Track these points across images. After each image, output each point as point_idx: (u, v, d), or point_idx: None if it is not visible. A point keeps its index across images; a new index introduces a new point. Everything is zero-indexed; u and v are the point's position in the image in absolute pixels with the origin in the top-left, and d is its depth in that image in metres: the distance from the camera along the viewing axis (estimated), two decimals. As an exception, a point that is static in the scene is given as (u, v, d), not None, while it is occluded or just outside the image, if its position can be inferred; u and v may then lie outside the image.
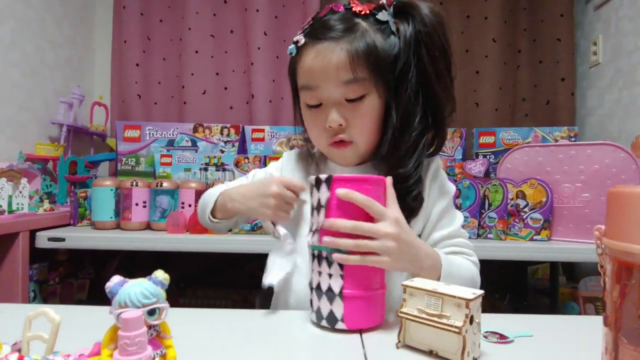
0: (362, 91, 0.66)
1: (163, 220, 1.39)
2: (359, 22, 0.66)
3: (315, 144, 0.75)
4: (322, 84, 0.66)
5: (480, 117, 1.94)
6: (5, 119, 1.54)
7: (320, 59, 0.65)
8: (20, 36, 1.61)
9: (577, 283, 1.65)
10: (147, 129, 1.71)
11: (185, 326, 0.57)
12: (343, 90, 0.65)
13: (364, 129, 0.68)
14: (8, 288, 1.23)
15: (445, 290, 0.46)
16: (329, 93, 0.66)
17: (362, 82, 0.65)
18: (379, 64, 0.65)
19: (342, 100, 0.66)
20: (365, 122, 0.68)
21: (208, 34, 2.01)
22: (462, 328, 0.44)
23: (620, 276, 0.34)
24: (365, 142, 0.70)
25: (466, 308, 0.44)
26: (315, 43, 0.66)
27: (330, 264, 0.56)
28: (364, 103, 0.66)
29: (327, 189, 0.56)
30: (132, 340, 0.31)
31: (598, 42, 1.76)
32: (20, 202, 1.32)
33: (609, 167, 1.26)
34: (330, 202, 0.56)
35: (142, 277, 0.38)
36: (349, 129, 0.67)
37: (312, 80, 0.66)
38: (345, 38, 0.64)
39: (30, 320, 0.38)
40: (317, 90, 0.67)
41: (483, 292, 0.47)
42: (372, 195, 0.56)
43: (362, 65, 0.64)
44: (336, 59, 0.64)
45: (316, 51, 0.65)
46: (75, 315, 0.60)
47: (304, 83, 0.68)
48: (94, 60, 2.11)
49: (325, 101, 0.67)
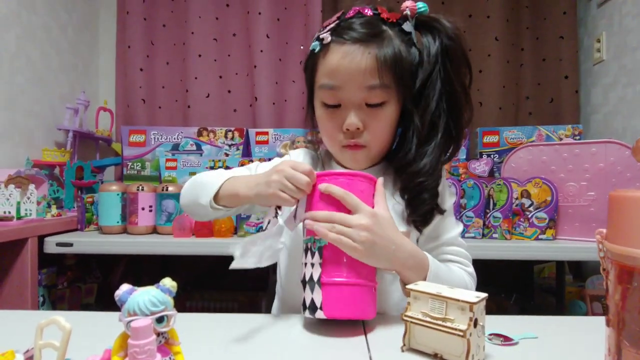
0: (384, 97, 0.66)
1: (169, 224, 1.40)
2: (386, 30, 0.67)
3: (327, 143, 0.74)
4: (346, 85, 0.66)
5: (484, 116, 1.94)
6: (12, 126, 1.56)
7: (347, 60, 0.65)
8: (26, 43, 1.63)
9: (584, 281, 1.65)
10: (152, 134, 1.72)
11: (193, 331, 0.58)
12: (365, 94, 0.66)
13: (379, 135, 0.69)
14: (17, 293, 1.24)
15: (449, 294, 0.47)
16: (350, 95, 0.66)
17: (385, 88, 0.66)
18: (402, 73, 0.66)
19: (363, 104, 0.67)
20: (382, 128, 0.69)
21: (211, 38, 2.02)
22: (467, 331, 0.44)
23: (622, 279, 0.34)
24: (378, 147, 0.71)
25: (470, 311, 0.45)
26: (343, 43, 0.66)
27: (313, 254, 0.58)
28: (383, 109, 0.67)
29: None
30: (142, 348, 0.32)
31: (602, 40, 1.75)
32: (28, 208, 1.34)
33: (614, 165, 1.26)
34: (314, 196, 0.60)
35: (150, 285, 0.39)
36: (366, 134, 0.68)
37: (336, 80, 0.66)
38: (373, 43, 0.65)
39: (42, 329, 0.39)
40: (338, 90, 0.67)
41: (487, 295, 0.47)
42: (356, 190, 0.59)
43: (388, 72, 0.65)
44: (364, 63, 0.64)
45: (343, 52, 0.65)
46: (85, 321, 0.62)
47: (326, 82, 0.68)
48: (99, 65, 2.13)
49: (345, 103, 0.67)
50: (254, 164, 0.83)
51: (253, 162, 1.58)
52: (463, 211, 1.37)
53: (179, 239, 1.34)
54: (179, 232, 1.36)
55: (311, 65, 0.71)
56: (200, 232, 1.36)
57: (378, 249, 0.57)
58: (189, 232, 1.37)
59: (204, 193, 0.70)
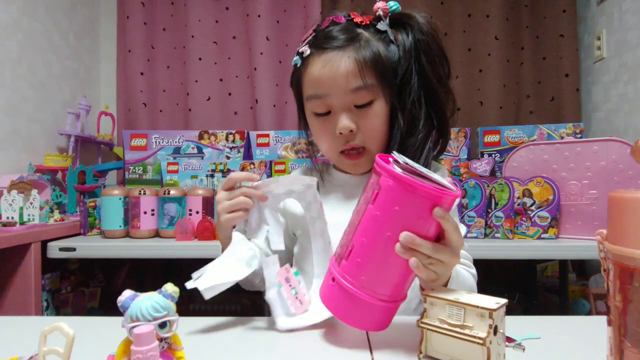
0: (371, 97, 0.68)
1: (171, 227, 1.41)
2: (361, 32, 0.69)
3: (325, 153, 0.76)
4: (332, 92, 0.67)
5: (484, 116, 1.94)
6: (14, 132, 1.57)
7: (328, 67, 0.67)
8: (28, 49, 1.64)
9: (588, 280, 1.64)
10: (154, 137, 1.73)
11: (195, 336, 0.58)
12: (352, 97, 0.67)
13: (374, 133, 0.70)
14: (21, 298, 1.25)
15: (468, 300, 0.45)
16: (338, 100, 0.68)
17: (370, 88, 0.67)
18: (384, 71, 0.67)
19: (351, 107, 0.68)
20: (375, 125, 0.69)
21: (211, 41, 2.02)
22: (486, 339, 0.42)
23: (623, 280, 0.34)
24: (376, 146, 0.71)
25: (489, 318, 0.43)
26: (322, 53, 0.68)
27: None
28: (372, 108, 0.69)
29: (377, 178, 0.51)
30: (145, 354, 0.32)
31: (602, 37, 1.75)
32: (31, 213, 1.34)
33: (616, 163, 1.25)
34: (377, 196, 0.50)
35: (153, 291, 0.39)
36: (360, 134, 0.69)
37: (321, 88, 0.68)
38: (350, 47, 0.67)
39: (46, 335, 0.39)
40: (325, 98, 0.68)
41: (507, 302, 0.46)
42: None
43: (370, 72, 0.66)
44: (344, 67, 0.66)
45: (323, 60, 0.67)
46: (88, 327, 0.62)
47: (312, 92, 0.69)
48: (100, 70, 2.13)
49: (334, 108, 0.69)
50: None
51: (254, 164, 1.58)
52: (465, 211, 1.36)
53: (181, 242, 1.34)
54: (181, 235, 1.37)
55: (296, 80, 0.74)
56: (202, 236, 1.36)
57: (445, 277, 0.54)
58: (191, 235, 1.37)
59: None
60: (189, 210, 1.42)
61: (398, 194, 0.48)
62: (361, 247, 0.51)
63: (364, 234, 0.51)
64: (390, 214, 0.49)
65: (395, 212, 0.48)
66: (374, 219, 0.50)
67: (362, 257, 0.51)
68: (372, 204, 0.50)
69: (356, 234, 0.51)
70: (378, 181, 0.50)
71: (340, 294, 0.52)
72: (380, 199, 0.49)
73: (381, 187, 0.49)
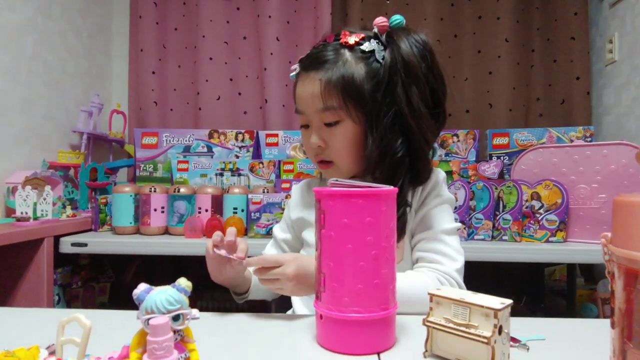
0: (336, 117, 0.71)
1: (181, 225, 1.42)
2: (343, 53, 0.71)
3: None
4: (305, 110, 0.74)
5: (493, 118, 1.93)
6: (29, 129, 1.60)
7: (303, 87, 0.73)
8: (42, 48, 1.67)
9: (596, 284, 1.63)
10: (164, 136, 1.75)
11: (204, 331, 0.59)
12: (321, 115, 0.72)
13: (340, 152, 0.74)
14: (34, 292, 1.27)
15: (473, 300, 0.46)
16: (311, 118, 0.74)
17: (333, 110, 0.70)
18: (351, 93, 0.69)
19: (322, 125, 0.73)
20: (341, 144, 0.73)
21: (222, 41, 2.04)
22: (491, 338, 0.43)
23: (627, 282, 0.35)
24: (344, 163, 0.75)
25: (494, 318, 0.44)
26: (303, 73, 0.74)
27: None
28: (338, 127, 0.72)
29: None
30: (160, 345, 0.33)
31: (614, 40, 1.73)
32: (44, 208, 1.37)
33: (626, 167, 1.25)
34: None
35: (167, 285, 0.40)
36: (328, 151, 0.74)
37: (300, 105, 0.75)
38: (324, 69, 0.70)
39: (63, 326, 0.41)
40: (303, 114, 0.75)
41: (512, 302, 0.46)
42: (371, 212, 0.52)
43: (333, 95, 0.69)
44: (311, 89, 0.71)
45: (302, 80, 0.74)
46: (102, 319, 0.63)
47: (296, 107, 0.77)
48: (112, 69, 2.17)
49: (310, 124, 0.75)
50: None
51: (263, 163, 1.60)
52: (472, 213, 1.37)
53: (190, 240, 1.36)
54: (190, 233, 1.38)
55: (293, 93, 0.79)
56: (211, 234, 1.37)
57: (303, 284, 0.64)
58: (200, 233, 1.39)
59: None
60: (198, 208, 1.44)
61: (339, 207, 0.51)
62: (332, 272, 0.52)
63: (329, 258, 0.52)
64: (342, 228, 0.51)
65: (345, 224, 0.51)
66: (330, 240, 0.52)
67: (336, 281, 0.52)
68: (324, 228, 0.53)
69: (322, 263, 0.53)
70: (320, 206, 0.53)
71: (334, 327, 0.52)
72: (328, 220, 0.52)
73: (324, 210, 0.53)
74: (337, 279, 0.52)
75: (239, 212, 1.42)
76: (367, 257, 0.50)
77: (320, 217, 0.53)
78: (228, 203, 1.44)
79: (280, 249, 0.89)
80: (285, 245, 0.88)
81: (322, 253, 0.53)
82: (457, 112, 1.96)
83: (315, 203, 0.55)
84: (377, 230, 0.51)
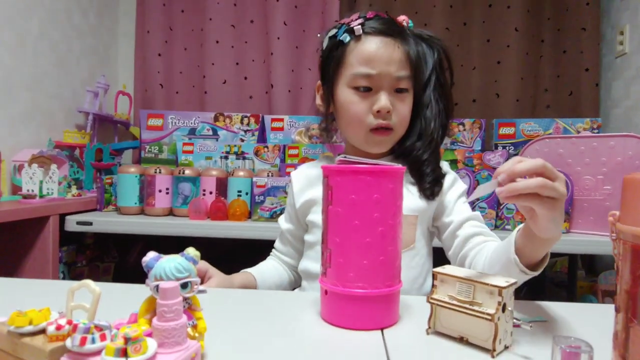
0: (408, 86, 0.76)
1: (185, 206, 1.43)
2: (404, 31, 0.77)
3: (351, 129, 0.79)
4: (382, 72, 0.73)
5: (500, 108, 1.92)
6: (35, 107, 1.60)
7: (384, 49, 0.73)
8: (49, 27, 1.66)
9: (597, 277, 1.63)
10: (170, 118, 1.75)
11: (212, 304, 0.60)
12: (395, 82, 0.74)
13: (404, 118, 0.77)
14: (39, 268, 1.29)
15: (478, 278, 0.47)
16: (384, 82, 0.74)
17: (409, 79, 0.75)
18: (420, 68, 0.77)
19: (392, 90, 0.75)
20: (406, 111, 0.77)
21: (228, 24, 2.03)
22: (495, 315, 0.44)
23: (635, 260, 0.35)
24: (401, 131, 0.78)
25: (499, 296, 0.44)
26: (378, 35, 0.74)
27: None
28: (408, 95, 0.77)
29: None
30: (170, 308, 0.34)
31: (625, 32, 1.71)
32: (50, 187, 1.38)
33: (632, 159, 1.24)
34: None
35: (175, 254, 0.41)
36: (394, 116, 0.75)
37: (372, 66, 0.73)
38: (402, 39, 0.75)
39: (73, 292, 0.41)
40: (374, 76, 0.73)
41: (516, 281, 0.47)
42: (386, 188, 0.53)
43: (409, 65, 0.75)
44: (390, 52, 0.73)
45: (380, 42, 0.74)
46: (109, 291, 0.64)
47: (362, 68, 0.74)
48: (118, 49, 2.16)
49: (377, 87, 0.74)
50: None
51: (268, 147, 1.60)
52: (476, 202, 1.37)
53: (194, 221, 1.37)
54: (195, 214, 1.39)
55: (338, 55, 0.77)
56: (215, 215, 1.39)
57: (560, 215, 0.51)
58: (204, 214, 1.40)
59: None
60: (202, 191, 1.44)
61: (347, 183, 0.52)
62: (338, 247, 0.52)
63: (335, 234, 0.53)
64: (350, 205, 0.51)
65: (352, 200, 0.51)
66: (337, 216, 0.52)
67: (342, 256, 0.52)
68: (331, 204, 0.53)
69: (329, 239, 0.54)
70: (328, 182, 0.54)
71: (338, 303, 0.53)
72: (336, 196, 0.53)
73: (332, 186, 0.53)
74: (343, 254, 0.52)
75: (243, 195, 1.43)
76: (374, 233, 0.51)
77: (328, 194, 0.53)
78: (232, 186, 1.44)
79: (287, 241, 0.90)
80: (289, 235, 0.89)
81: (328, 229, 0.54)
82: (464, 101, 1.95)
83: (323, 179, 0.55)
84: (384, 207, 0.51)
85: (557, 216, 0.50)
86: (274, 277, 0.87)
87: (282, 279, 0.89)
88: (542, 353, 0.45)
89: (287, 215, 0.91)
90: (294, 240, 0.89)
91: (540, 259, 0.58)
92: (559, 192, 0.48)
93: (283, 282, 0.89)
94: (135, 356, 0.30)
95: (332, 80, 0.78)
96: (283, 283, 0.89)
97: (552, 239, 0.54)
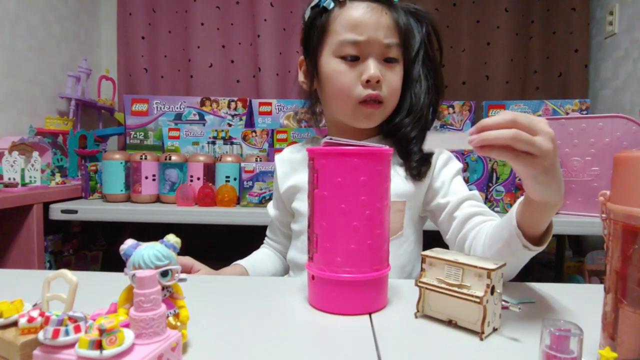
0: (397, 55, 0.72)
1: (172, 193, 1.41)
2: (392, 0, 0.73)
3: (339, 102, 0.73)
4: (370, 39, 0.69)
5: (490, 90, 1.91)
6: (14, 93, 1.55)
7: (369, 15, 0.69)
8: (26, 9, 1.60)
9: (584, 257, 1.66)
10: (155, 103, 1.71)
11: (196, 291, 0.59)
12: (385, 49, 0.70)
13: (394, 89, 0.72)
14: (24, 258, 1.26)
15: (466, 261, 0.46)
16: (372, 49, 0.69)
17: (398, 48, 0.71)
18: (408, 39, 0.73)
19: (381, 59, 0.71)
20: (397, 82, 0.72)
21: (213, 6, 1.97)
22: (483, 298, 0.43)
23: (625, 239, 0.34)
24: (391, 104, 0.75)
25: (487, 278, 0.44)
26: (363, 0, 0.70)
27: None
28: (397, 65, 0.73)
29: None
30: (147, 297, 0.32)
31: (614, 12, 1.70)
32: (32, 175, 1.34)
33: (620, 140, 1.24)
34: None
35: (155, 241, 0.39)
36: (384, 87, 0.71)
37: (360, 33, 0.69)
38: (388, 6, 0.71)
39: (49, 282, 0.40)
40: (361, 43, 0.69)
41: (505, 263, 0.46)
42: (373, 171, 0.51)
43: (397, 34, 0.71)
44: (377, 18, 0.69)
45: (367, 7, 0.69)
46: (90, 281, 0.63)
47: (349, 35, 0.69)
48: (100, 33, 2.09)
49: (365, 56, 0.70)
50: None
51: (256, 132, 1.58)
52: (466, 184, 1.36)
53: (182, 208, 1.35)
54: (182, 201, 1.37)
55: (322, 23, 0.72)
56: (203, 202, 1.37)
57: (554, 175, 0.47)
58: (192, 201, 1.38)
59: None
60: (190, 177, 1.42)
61: (333, 166, 0.50)
62: (324, 232, 0.51)
63: (321, 218, 0.51)
64: (336, 188, 0.50)
65: (339, 183, 0.50)
66: (323, 199, 0.51)
67: (329, 241, 0.51)
68: (317, 187, 0.51)
69: (315, 223, 0.52)
70: (314, 165, 0.52)
71: (326, 288, 0.51)
72: (322, 179, 0.51)
73: (318, 169, 0.51)
74: (330, 239, 0.51)
75: (231, 181, 1.41)
76: (361, 217, 0.50)
77: (314, 177, 0.52)
78: (220, 171, 1.42)
79: (276, 229, 0.89)
80: (278, 223, 0.88)
81: (314, 213, 0.52)
82: (454, 83, 1.94)
83: (308, 162, 0.53)
84: (372, 190, 0.50)
85: (539, 174, 0.45)
86: (267, 266, 0.85)
87: (276, 267, 0.87)
88: (531, 335, 0.45)
89: (274, 201, 0.89)
90: (283, 227, 0.87)
91: (542, 232, 0.54)
92: (538, 148, 0.42)
93: (277, 270, 0.87)
94: (110, 348, 0.29)
95: (316, 51, 0.73)
96: (277, 271, 0.87)
97: (549, 205, 0.50)
